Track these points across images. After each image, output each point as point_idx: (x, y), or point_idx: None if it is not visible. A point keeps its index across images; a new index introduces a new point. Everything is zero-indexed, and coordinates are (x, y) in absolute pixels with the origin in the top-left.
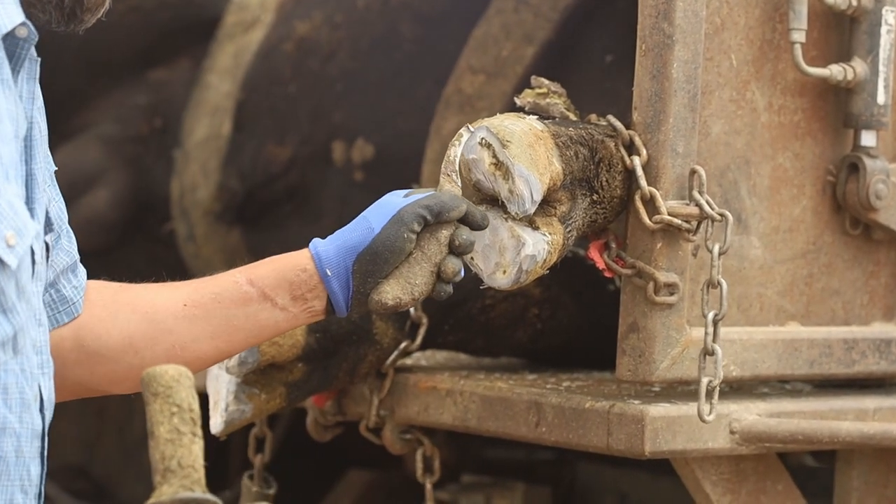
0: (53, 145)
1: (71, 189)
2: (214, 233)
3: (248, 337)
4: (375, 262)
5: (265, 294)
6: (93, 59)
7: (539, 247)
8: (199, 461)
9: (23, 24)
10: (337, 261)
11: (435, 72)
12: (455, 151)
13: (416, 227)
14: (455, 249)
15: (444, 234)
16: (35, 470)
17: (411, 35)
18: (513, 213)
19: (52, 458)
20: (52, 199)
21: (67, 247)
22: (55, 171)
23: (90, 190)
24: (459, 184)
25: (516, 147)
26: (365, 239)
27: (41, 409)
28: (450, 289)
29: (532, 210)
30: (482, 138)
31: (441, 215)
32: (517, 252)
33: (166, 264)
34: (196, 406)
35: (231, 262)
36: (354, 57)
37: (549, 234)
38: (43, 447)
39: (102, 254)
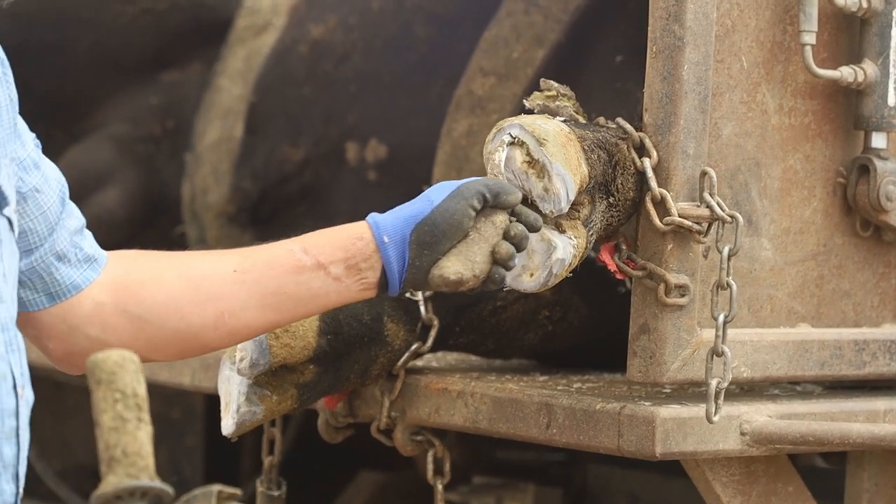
0: (64, 147)
1: (81, 187)
2: (227, 235)
3: (299, 306)
4: (433, 233)
5: (319, 262)
6: (105, 60)
7: (567, 251)
8: (146, 448)
9: None
10: (394, 229)
11: (448, 73)
12: (500, 157)
13: (476, 204)
14: (510, 239)
15: (500, 219)
16: (9, 450)
17: (425, 36)
18: (546, 212)
19: (64, 458)
20: (35, 163)
21: (74, 210)
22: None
23: (100, 188)
24: None
25: (552, 145)
26: (424, 209)
27: (14, 388)
28: (504, 273)
29: (566, 209)
30: (515, 136)
31: (499, 197)
32: (547, 255)
33: None
34: (142, 391)
35: None
36: (368, 58)
37: (575, 237)
38: (18, 425)
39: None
